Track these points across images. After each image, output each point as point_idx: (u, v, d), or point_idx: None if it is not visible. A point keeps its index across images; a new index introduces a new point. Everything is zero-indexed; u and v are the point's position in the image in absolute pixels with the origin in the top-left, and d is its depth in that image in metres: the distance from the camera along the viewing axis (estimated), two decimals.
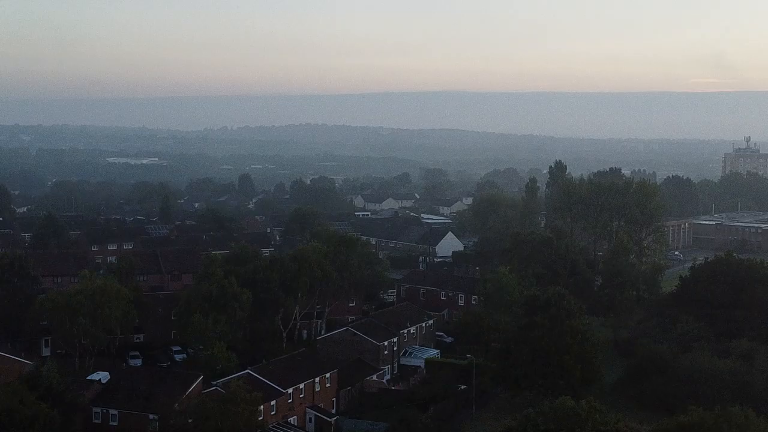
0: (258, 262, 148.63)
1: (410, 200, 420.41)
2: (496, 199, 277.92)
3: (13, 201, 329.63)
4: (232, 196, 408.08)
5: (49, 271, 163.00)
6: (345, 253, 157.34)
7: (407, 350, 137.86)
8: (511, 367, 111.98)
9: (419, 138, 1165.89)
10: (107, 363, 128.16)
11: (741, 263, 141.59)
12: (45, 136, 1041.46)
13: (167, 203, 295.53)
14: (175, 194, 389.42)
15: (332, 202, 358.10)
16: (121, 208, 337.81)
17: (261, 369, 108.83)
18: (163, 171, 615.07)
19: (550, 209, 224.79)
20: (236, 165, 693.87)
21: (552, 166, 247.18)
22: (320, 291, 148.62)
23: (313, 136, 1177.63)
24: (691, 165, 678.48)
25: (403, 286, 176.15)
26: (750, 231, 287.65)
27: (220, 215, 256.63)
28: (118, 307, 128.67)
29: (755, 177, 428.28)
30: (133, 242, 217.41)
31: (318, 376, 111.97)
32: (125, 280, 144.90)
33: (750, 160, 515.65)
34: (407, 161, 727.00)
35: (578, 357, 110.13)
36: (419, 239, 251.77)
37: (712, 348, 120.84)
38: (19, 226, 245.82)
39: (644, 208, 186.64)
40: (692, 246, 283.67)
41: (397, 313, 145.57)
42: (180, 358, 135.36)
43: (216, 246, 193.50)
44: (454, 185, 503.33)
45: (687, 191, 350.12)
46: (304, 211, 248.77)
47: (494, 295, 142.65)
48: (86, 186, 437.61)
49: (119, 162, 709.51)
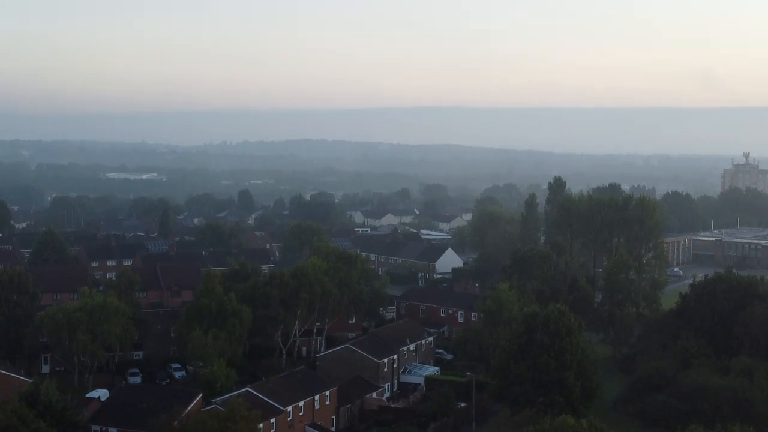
0: (257, 278, 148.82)
1: (410, 216, 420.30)
2: (496, 215, 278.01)
3: (13, 216, 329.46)
4: (231, 212, 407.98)
5: (48, 287, 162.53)
6: (344, 269, 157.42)
7: (407, 367, 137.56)
8: (510, 384, 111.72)
9: (419, 153, 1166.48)
10: (106, 380, 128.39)
11: (741, 280, 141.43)
12: (45, 151, 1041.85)
13: (167, 219, 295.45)
14: (175, 209, 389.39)
15: (332, 217, 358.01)
16: (120, 224, 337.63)
17: (260, 386, 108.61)
18: (163, 186, 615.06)
19: (550, 225, 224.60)
20: (236, 180, 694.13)
21: (551, 181, 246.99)
22: (320, 307, 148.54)
23: (313, 151, 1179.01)
24: (691, 180, 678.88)
25: (403, 303, 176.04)
26: (750, 247, 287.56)
27: (220, 231, 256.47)
28: (118, 324, 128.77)
29: (755, 193, 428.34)
30: (133, 258, 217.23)
31: (318, 394, 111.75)
32: (125, 297, 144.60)
33: (749, 176, 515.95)
34: (407, 176, 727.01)
35: (578, 374, 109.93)
36: (419, 255, 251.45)
37: (712, 365, 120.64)
38: (18, 241, 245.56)
39: (644, 224, 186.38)
40: (692, 262, 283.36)
41: (397, 330, 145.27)
42: (179, 375, 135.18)
43: (215, 262, 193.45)
44: (454, 201, 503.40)
45: (686, 207, 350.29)
46: (303, 227, 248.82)
47: (494, 312, 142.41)
48: (86, 201, 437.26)
49: (119, 177, 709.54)
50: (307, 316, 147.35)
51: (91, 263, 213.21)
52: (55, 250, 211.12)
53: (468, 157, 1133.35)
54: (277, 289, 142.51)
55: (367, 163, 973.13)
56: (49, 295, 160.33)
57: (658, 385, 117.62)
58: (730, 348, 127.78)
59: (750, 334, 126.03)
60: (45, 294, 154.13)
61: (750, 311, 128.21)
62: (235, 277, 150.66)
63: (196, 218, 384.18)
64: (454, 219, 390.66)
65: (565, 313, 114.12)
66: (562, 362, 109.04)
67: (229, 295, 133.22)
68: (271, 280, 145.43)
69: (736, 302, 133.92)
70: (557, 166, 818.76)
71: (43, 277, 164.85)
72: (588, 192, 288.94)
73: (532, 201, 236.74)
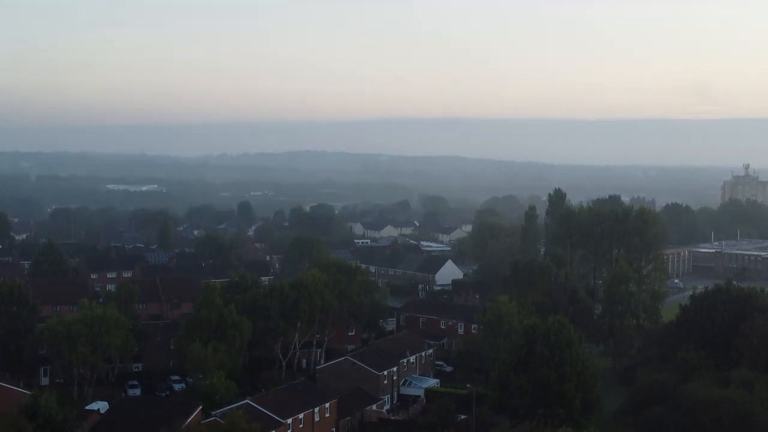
0: (257, 290, 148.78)
1: (410, 227, 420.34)
2: (496, 227, 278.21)
3: (13, 228, 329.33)
4: (231, 224, 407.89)
5: (48, 299, 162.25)
6: (344, 281, 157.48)
7: (407, 379, 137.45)
8: (510, 396, 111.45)
9: (419, 165, 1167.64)
10: (106, 392, 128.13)
11: (741, 291, 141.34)
12: (45, 163, 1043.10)
13: (166, 230, 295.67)
14: (175, 221, 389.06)
15: (332, 229, 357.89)
16: (120, 236, 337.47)
17: (260, 399, 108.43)
18: (163, 198, 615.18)
19: (550, 237, 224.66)
20: (236, 192, 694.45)
21: (551, 193, 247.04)
22: (320, 319, 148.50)
23: (313, 162, 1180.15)
24: (690, 192, 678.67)
25: (403, 315, 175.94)
26: (750, 259, 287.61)
27: (220, 242, 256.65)
28: (118, 336, 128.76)
29: (754, 204, 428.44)
30: (133, 270, 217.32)
31: (317, 406, 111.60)
32: (124, 309, 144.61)
33: (749, 187, 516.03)
34: (407, 188, 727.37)
35: (578, 386, 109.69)
36: (419, 267, 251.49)
37: (712, 377, 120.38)
38: (18, 253, 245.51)
39: (644, 236, 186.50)
40: (692, 274, 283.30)
41: (397, 342, 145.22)
42: (179, 387, 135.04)
43: (215, 274, 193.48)
44: (454, 212, 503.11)
45: (686, 218, 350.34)
46: (303, 239, 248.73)
47: (494, 324, 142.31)
48: (86, 213, 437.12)
49: (119, 189, 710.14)
50: (307, 328, 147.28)
51: (90, 275, 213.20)
52: (55, 261, 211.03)
53: (468, 168, 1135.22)
54: (277, 301, 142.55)
55: (367, 174, 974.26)
56: (49, 307, 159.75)
57: (659, 397, 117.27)
58: (731, 360, 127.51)
59: (750, 346, 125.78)
60: (45, 306, 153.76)
61: (750, 323, 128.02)
62: (235, 288, 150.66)
63: (196, 230, 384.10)
64: (454, 230, 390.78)
65: (565, 325, 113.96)
66: (562, 374, 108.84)
67: (229, 307, 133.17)
68: (271, 292, 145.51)
69: (736, 314, 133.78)
70: (557, 177, 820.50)
71: (43, 289, 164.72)
72: (588, 203, 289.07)
73: (532, 212, 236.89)
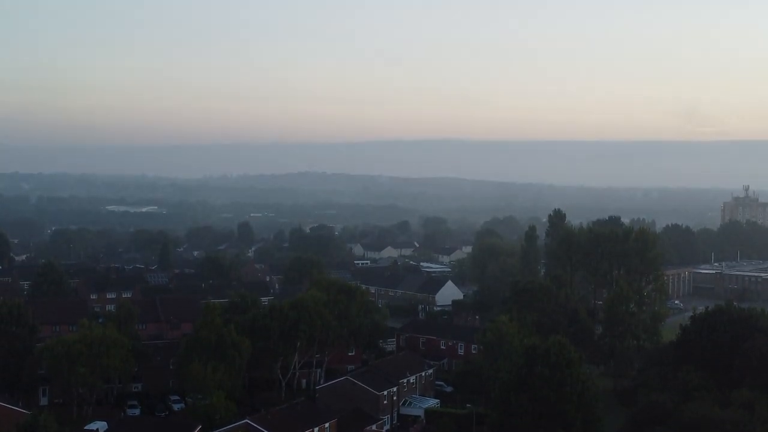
0: (257, 310, 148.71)
1: (410, 248, 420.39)
2: (496, 248, 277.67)
3: (13, 249, 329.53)
4: (231, 244, 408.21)
5: (47, 319, 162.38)
6: (344, 301, 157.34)
7: (407, 400, 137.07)
8: (511, 416, 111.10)
9: (418, 186, 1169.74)
10: (105, 412, 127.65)
11: (741, 312, 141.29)
12: (45, 184, 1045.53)
13: (166, 251, 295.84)
14: (175, 242, 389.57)
15: (331, 250, 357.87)
16: (120, 256, 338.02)
17: (260, 419, 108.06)
18: (163, 219, 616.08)
19: (550, 258, 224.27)
20: (236, 213, 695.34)
21: (551, 214, 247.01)
22: (319, 340, 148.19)
23: (313, 184, 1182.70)
24: (690, 213, 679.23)
25: (403, 335, 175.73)
26: (750, 280, 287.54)
27: (220, 263, 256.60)
28: (117, 356, 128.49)
29: (755, 226, 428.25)
30: (133, 290, 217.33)
31: (317, 426, 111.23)
32: (124, 329, 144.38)
33: (749, 209, 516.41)
34: (406, 209, 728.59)
35: (578, 406, 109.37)
36: (419, 288, 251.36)
37: (712, 397, 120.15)
38: (18, 274, 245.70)
39: (644, 257, 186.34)
40: (692, 295, 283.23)
41: (397, 362, 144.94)
42: (178, 407, 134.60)
43: (215, 294, 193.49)
44: (454, 233, 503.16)
45: (687, 240, 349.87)
46: (303, 260, 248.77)
47: (494, 344, 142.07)
48: (86, 234, 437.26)
49: (119, 210, 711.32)
50: (306, 349, 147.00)
51: (90, 295, 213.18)
52: (55, 282, 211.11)
53: (468, 189, 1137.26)
54: (277, 322, 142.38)
55: (366, 195, 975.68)
56: (49, 327, 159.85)
57: (659, 418, 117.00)
58: (731, 381, 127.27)
59: (750, 367, 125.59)
60: (44, 326, 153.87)
61: (750, 344, 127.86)
62: (235, 309, 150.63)
63: (196, 251, 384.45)
64: (454, 251, 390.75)
65: (566, 345, 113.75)
66: (562, 394, 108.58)
67: (229, 328, 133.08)
68: (270, 313, 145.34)
69: (736, 335, 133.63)
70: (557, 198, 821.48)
71: (43, 310, 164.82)
72: (588, 224, 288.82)
73: (531, 233, 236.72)
